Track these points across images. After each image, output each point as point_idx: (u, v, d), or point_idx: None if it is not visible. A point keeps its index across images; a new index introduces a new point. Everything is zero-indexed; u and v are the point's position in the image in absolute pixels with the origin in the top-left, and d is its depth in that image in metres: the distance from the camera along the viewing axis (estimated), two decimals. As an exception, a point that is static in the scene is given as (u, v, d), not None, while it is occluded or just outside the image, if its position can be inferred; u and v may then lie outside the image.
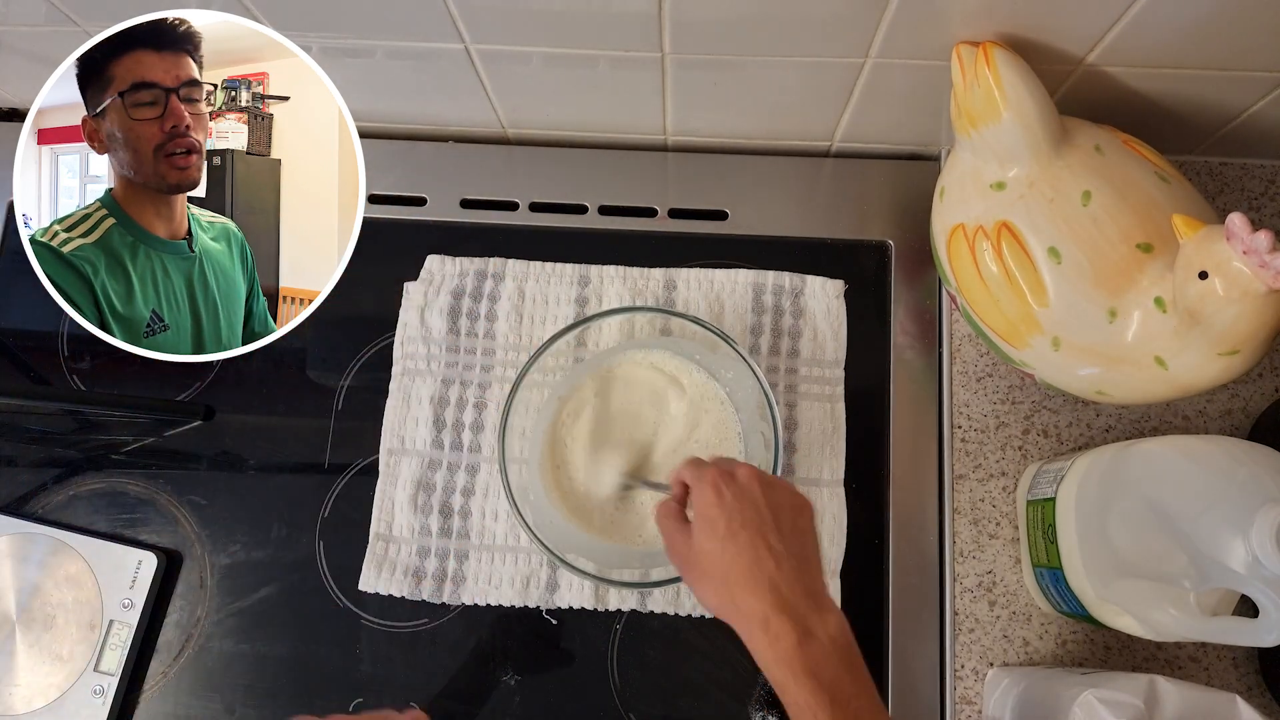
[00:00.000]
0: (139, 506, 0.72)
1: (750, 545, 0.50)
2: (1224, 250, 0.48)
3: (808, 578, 0.50)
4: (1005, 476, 0.70)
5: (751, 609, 0.48)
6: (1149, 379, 0.56)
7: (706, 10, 0.60)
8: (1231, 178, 0.76)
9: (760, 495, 0.52)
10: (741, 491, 0.52)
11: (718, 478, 0.53)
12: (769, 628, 0.48)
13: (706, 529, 0.52)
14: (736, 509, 0.51)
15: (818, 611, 0.48)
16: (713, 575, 0.51)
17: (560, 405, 0.69)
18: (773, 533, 0.50)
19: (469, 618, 0.69)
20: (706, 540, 0.51)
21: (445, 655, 0.68)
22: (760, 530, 0.50)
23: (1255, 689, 0.65)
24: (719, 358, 0.68)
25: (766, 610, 0.48)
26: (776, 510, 0.52)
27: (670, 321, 0.68)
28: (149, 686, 0.68)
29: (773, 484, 0.54)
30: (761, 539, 0.50)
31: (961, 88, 0.60)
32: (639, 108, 0.74)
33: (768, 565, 0.49)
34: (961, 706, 0.66)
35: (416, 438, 0.72)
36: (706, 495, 0.52)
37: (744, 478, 0.53)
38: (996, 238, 0.59)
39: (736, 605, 0.50)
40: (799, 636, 0.47)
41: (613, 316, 0.68)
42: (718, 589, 0.51)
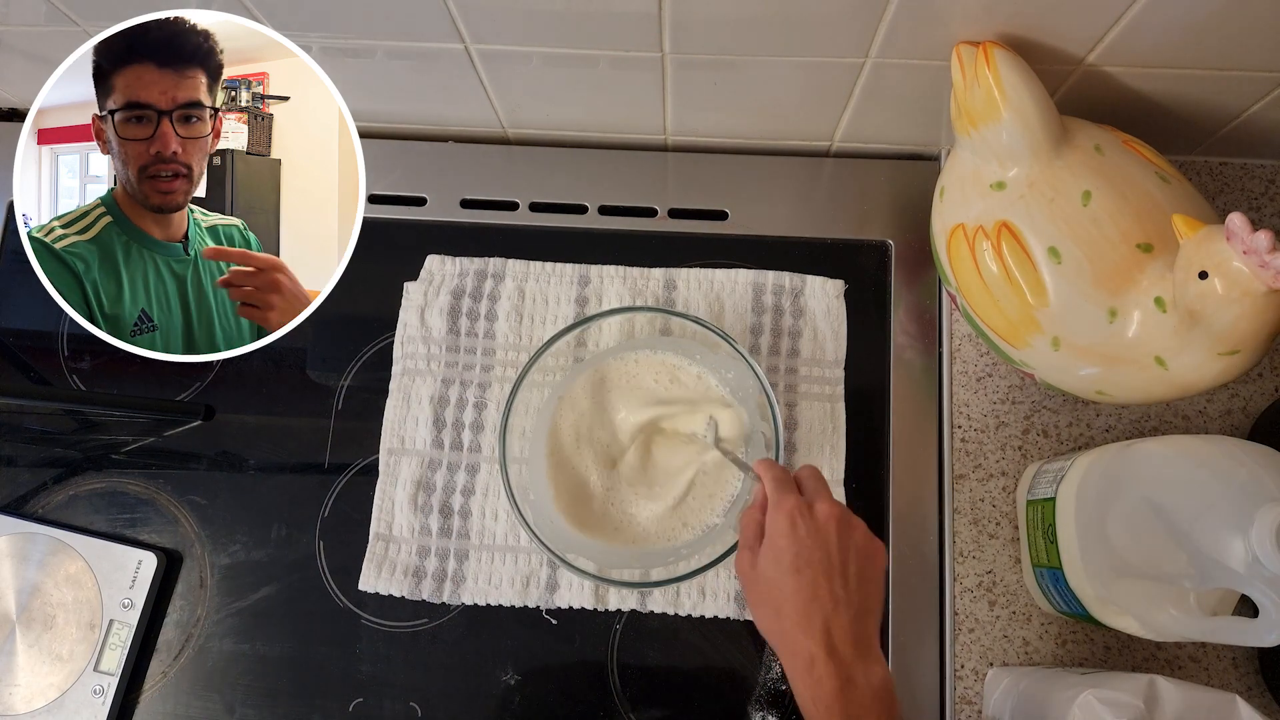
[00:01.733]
0: (139, 506, 0.72)
1: (812, 584, 0.50)
2: (1224, 250, 0.48)
3: (862, 628, 0.50)
4: (1005, 476, 0.70)
5: (800, 647, 0.49)
6: (1149, 379, 0.56)
7: (706, 10, 0.60)
8: (1231, 178, 0.76)
9: (834, 537, 0.52)
10: (816, 529, 0.52)
11: (796, 510, 0.52)
12: (813, 669, 0.48)
13: (772, 557, 0.52)
14: (808, 545, 0.51)
15: (863, 661, 0.49)
16: (770, 604, 0.52)
17: (560, 405, 0.69)
18: (838, 577, 0.51)
19: (469, 618, 0.69)
20: (770, 568, 0.52)
21: (445, 655, 0.68)
22: (826, 572, 0.51)
23: (1255, 689, 0.65)
24: (720, 358, 0.68)
25: (815, 651, 0.48)
26: (847, 553, 0.52)
27: (670, 321, 0.68)
28: (149, 686, 0.68)
29: (850, 525, 0.53)
30: (825, 581, 0.50)
31: (961, 88, 0.60)
32: (639, 108, 0.74)
33: (825, 607, 0.50)
34: (961, 706, 0.66)
35: (416, 437, 0.72)
36: (780, 524, 0.52)
37: (823, 515, 0.53)
38: (996, 238, 0.59)
39: (786, 639, 0.50)
40: (841, 683, 0.47)
41: (613, 316, 0.68)
42: (772, 617, 0.52)
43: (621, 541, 0.67)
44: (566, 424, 0.69)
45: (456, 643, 0.68)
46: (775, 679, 0.67)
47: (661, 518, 0.67)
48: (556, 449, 0.68)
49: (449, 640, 0.68)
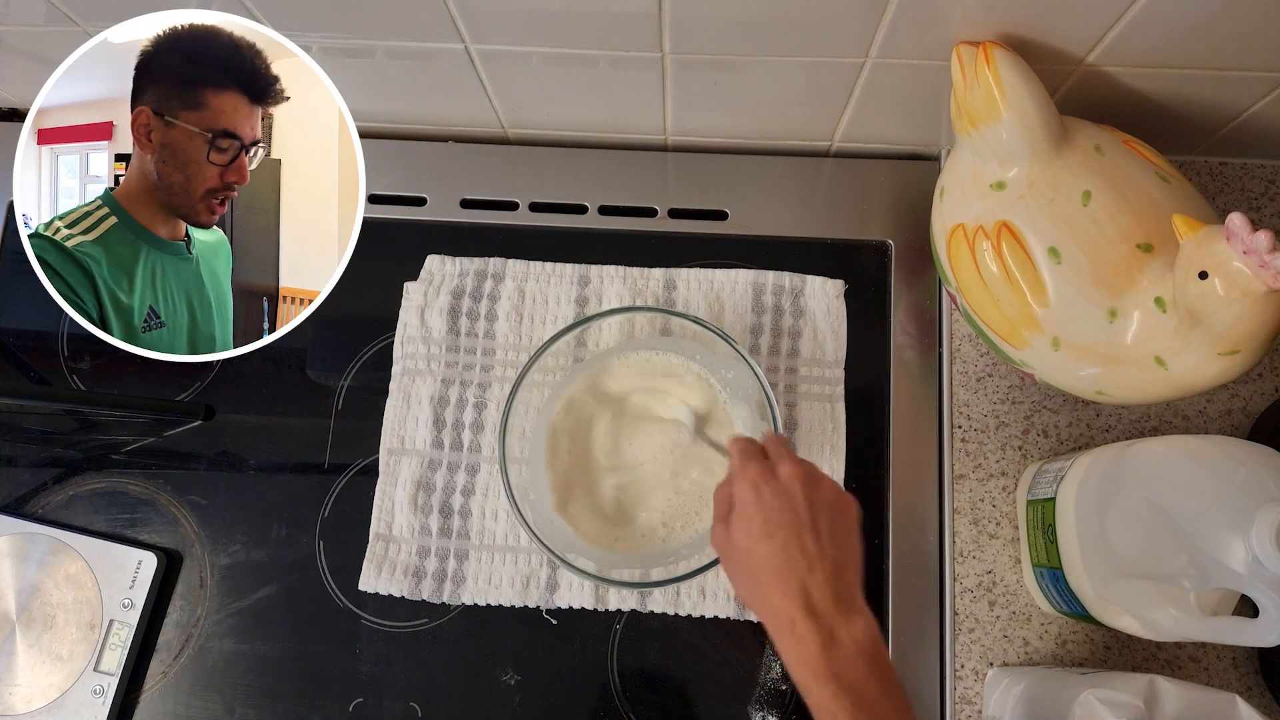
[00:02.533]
0: (139, 506, 0.72)
1: (784, 547, 0.50)
2: (1224, 250, 0.48)
3: (840, 582, 0.50)
4: (1005, 476, 0.70)
5: (780, 610, 0.49)
6: (1149, 379, 0.56)
7: (706, 10, 0.60)
8: (1231, 178, 0.76)
9: (801, 495, 0.52)
10: (781, 490, 0.52)
11: (758, 475, 0.53)
12: (795, 629, 0.48)
13: (743, 527, 0.52)
14: (774, 508, 0.51)
15: (844, 615, 0.48)
16: (746, 571, 0.52)
17: (559, 405, 0.69)
18: (809, 535, 0.50)
19: (469, 618, 0.69)
20: (743, 538, 0.52)
21: (445, 655, 0.68)
22: (796, 532, 0.50)
23: (1255, 689, 0.65)
24: (719, 358, 0.68)
25: (794, 612, 0.48)
26: (816, 510, 0.51)
27: (670, 321, 0.68)
28: (149, 686, 0.68)
29: (817, 481, 0.53)
30: (796, 540, 0.50)
31: (961, 88, 0.60)
32: (639, 108, 0.74)
33: (800, 567, 0.49)
34: (961, 706, 0.66)
35: (417, 438, 0.72)
36: (745, 493, 0.53)
37: (786, 476, 0.52)
38: (996, 238, 0.59)
39: (766, 604, 0.50)
40: (823, 640, 0.47)
41: (613, 316, 0.68)
42: (750, 585, 0.52)
43: (621, 541, 0.67)
44: (565, 425, 0.69)
45: (456, 643, 0.68)
46: (775, 679, 0.67)
47: (660, 519, 0.67)
48: (555, 449, 0.68)
49: (449, 640, 0.68)
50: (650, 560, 0.65)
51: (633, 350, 0.70)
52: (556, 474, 0.68)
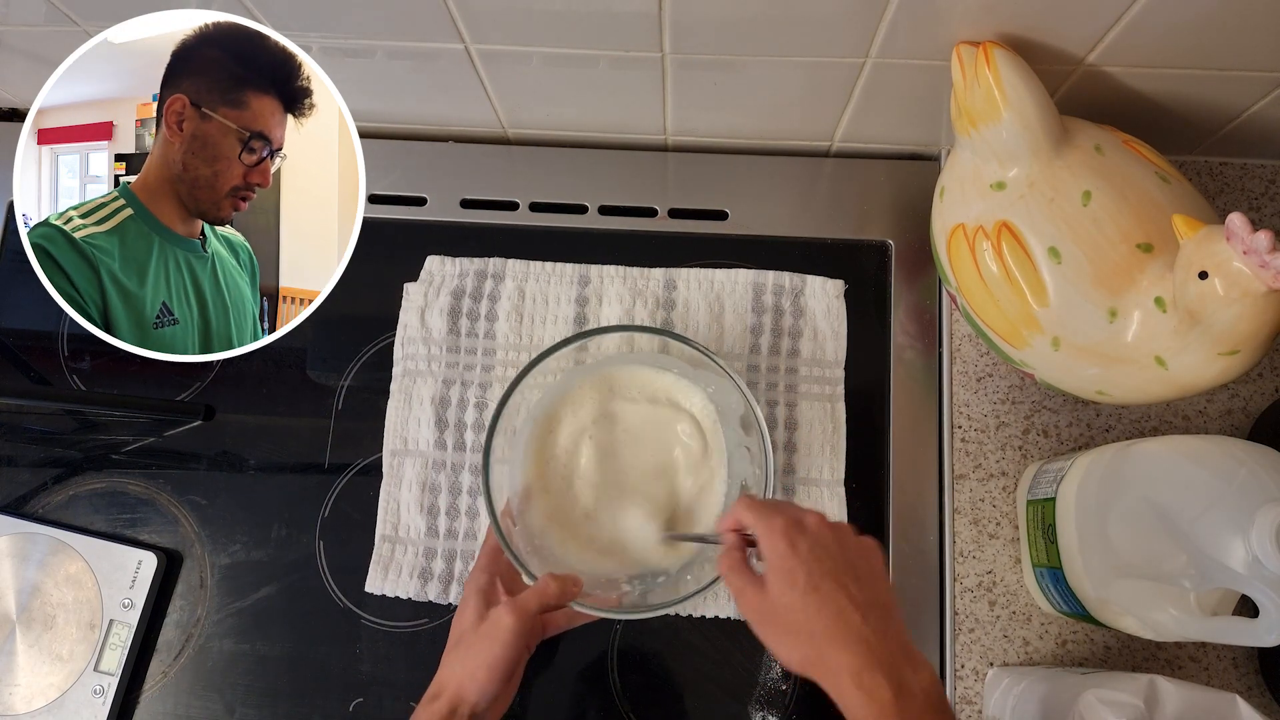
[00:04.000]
0: (139, 506, 0.72)
1: (833, 597, 0.48)
2: (1224, 250, 0.48)
3: (894, 628, 0.48)
4: (1005, 476, 0.70)
5: (843, 664, 0.46)
6: (1149, 379, 0.56)
7: (706, 10, 0.60)
8: (1231, 178, 0.76)
9: (834, 542, 0.50)
10: (816, 540, 0.50)
11: (789, 527, 0.50)
12: (862, 683, 0.45)
13: (784, 582, 0.49)
14: (814, 559, 0.49)
15: (910, 665, 0.47)
16: (796, 631, 0.48)
17: (540, 429, 0.67)
18: (853, 582, 0.49)
19: (469, 618, 0.69)
20: (785, 594, 0.49)
21: (445, 655, 0.68)
22: (840, 580, 0.48)
23: (1255, 689, 0.65)
24: (708, 374, 0.66)
25: (859, 666, 0.46)
26: (850, 555, 0.50)
27: (670, 324, 0.67)
28: (149, 686, 0.68)
29: (840, 528, 0.52)
30: (843, 590, 0.48)
31: (961, 88, 0.60)
32: (639, 108, 0.74)
33: (854, 618, 0.47)
34: (961, 706, 0.66)
35: (419, 438, 0.72)
36: (779, 547, 0.50)
37: (814, 525, 0.51)
38: (996, 238, 0.59)
39: (825, 661, 0.47)
40: (894, 692, 0.45)
41: (610, 334, 0.66)
42: (803, 645, 0.48)
43: (611, 562, 0.65)
44: (550, 453, 0.66)
45: (456, 643, 0.68)
46: (775, 679, 0.67)
47: (649, 541, 0.65)
48: (541, 476, 0.66)
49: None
50: (644, 581, 0.64)
51: (624, 367, 0.68)
52: (543, 499, 0.66)
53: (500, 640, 0.56)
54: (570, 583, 0.58)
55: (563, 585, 0.58)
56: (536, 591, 0.57)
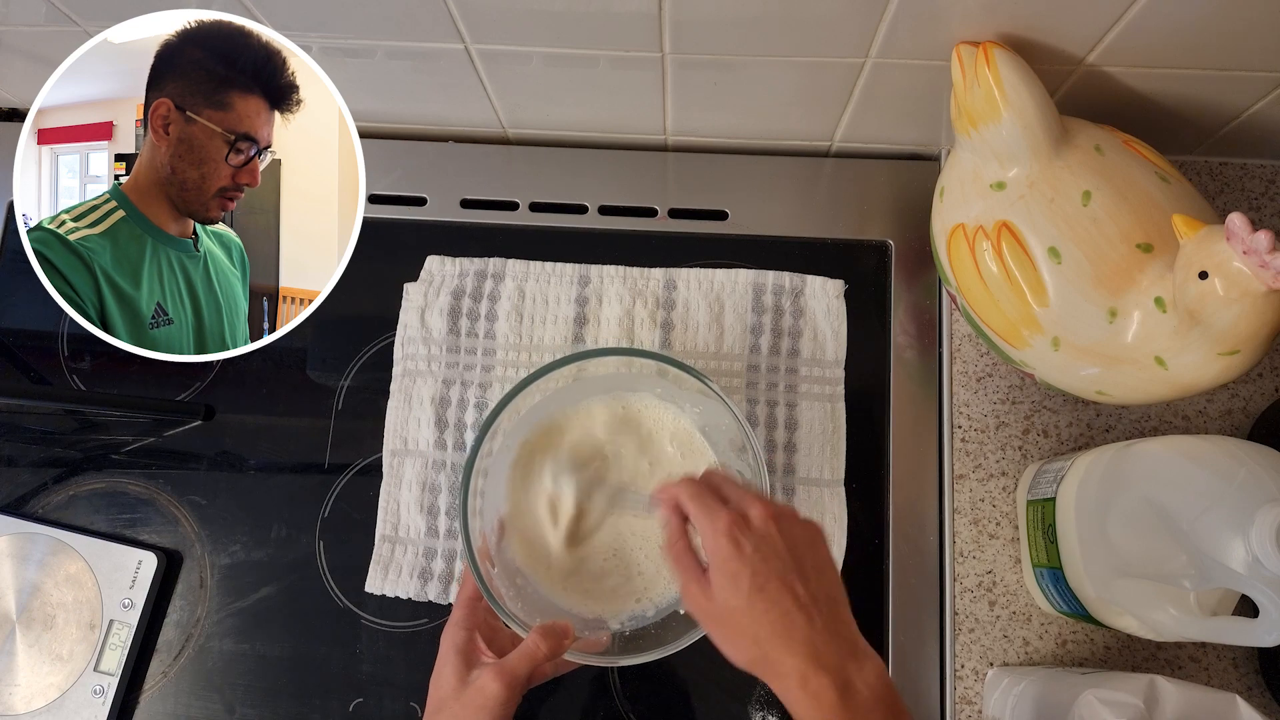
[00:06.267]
0: (139, 506, 0.72)
1: (779, 599, 0.47)
2: (1224, 250, 0.48)
3: (840, 624, 0.48)
4: (1005, 476, 0.70)
5: (787, 667, 0.46)
6: (1149, 379, 0.56)
7: (706, 10, 0.60)
8: (1231, 178, 0.76)
9: (779, 539, 0.49)
10: (762, 539, 0.48)
11: (732, 525, 0.49)
12: (808, 685, 0.45)
13: (729, 584, 0.48)
14: (759, 559, 0.48)
15: (855, 661, 0.46)
16: (738, 632, 0.48)
17: (523, 457, 0.65)
18: (798, 579, 0.48)
19: (469, 618, 0.69)
20: (730, 597, 0.48)
21: (445, 655, 0.68)
22: (785, 580, 0.47)
23: (1255, 689, 0.65)
24: (706, 394, 0.63)
25: (804, 667, 0.46)
26: (797, 550, 0.49)
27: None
28: (149, 686, 0.68)
29: (783, 516, 0.50)
30: (788, 590, 0.47)
31: (961, 88, 0.60)
32: (639, 108, 0.74)
33: (799, 620, 0.47)
34: (961, 706, 0.66)
35: (419, 439, 0.72)
36: (724, 547, 0.48)
37: (759, 520, 0.49)
38: (996, 238, 0.59)
39: (771, 664, 0.47)
40: (839, 692, 0.45)
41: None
42: (749, 647, 0.48)
43: (598, 604, 0.63)
44: (531, 487, 0.65)
45: (456, 643, 0.68)
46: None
47: (618, 594, 0.63)
48: (519, 513, 0.64)
49: (449, 640, 0.68)
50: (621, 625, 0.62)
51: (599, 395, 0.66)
52: (520, 545, 0.64)
53: (488, 710, 0.52)
54: (561, 635, 0.55)
55: (554, 643, 0.54)
56: (526, 655, 0.53)
